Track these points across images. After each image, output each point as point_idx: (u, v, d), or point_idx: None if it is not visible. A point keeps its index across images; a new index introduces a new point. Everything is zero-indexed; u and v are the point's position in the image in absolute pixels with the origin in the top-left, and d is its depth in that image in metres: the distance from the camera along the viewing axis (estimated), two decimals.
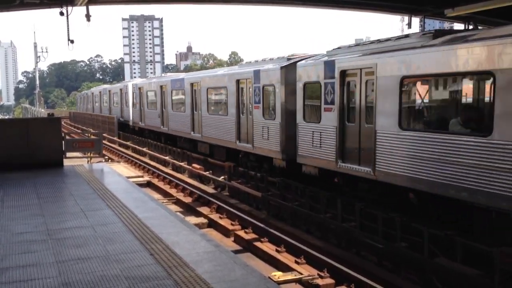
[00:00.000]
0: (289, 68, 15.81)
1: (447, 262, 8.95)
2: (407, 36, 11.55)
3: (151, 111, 30.78)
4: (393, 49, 11.22)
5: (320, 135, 13.70)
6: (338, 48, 13.92)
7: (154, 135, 31.04)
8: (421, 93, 11.13)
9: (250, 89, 18.02)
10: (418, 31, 20.08)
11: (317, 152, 13.92)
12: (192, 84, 24.09)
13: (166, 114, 27.92)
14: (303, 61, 15.02)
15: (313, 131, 14.06)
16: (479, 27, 19.66)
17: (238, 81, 19.01)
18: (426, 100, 11.09)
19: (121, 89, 38.91)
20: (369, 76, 11.92)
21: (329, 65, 13.33)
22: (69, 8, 16.38)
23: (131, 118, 35.31)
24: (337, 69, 12.99)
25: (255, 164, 18.39)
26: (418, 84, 11.06)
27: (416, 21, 21.87)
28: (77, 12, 16.64)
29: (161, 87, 28.78)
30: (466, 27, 19.92)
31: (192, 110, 23.89)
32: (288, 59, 16.33)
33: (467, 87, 10.08)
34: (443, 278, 8.83)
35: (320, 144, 13.70)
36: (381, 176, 11.34)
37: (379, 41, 12.35)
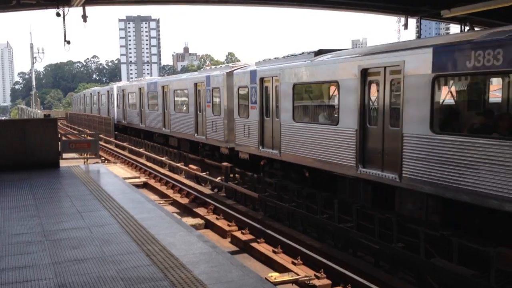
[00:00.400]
0: (230, 75, 19.60)
1: (443, 262, 8.96)
2: (302, 53, 15.06)
3: (132, 110, 34.87)
4: (291, 62, 15.09)
5: (249, 127, 17.32)
6: (263, 60, 17.42)
7: (135, 132, 34.53)
8: (302, 95, 15.11)
9: (204, 91, 22.02)
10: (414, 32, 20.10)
11: (247, 141, 17.52)
12: (163, 87, 28.02)
13: (143, 113, 31.76)
14: (238, 70, 18.85)
15: (244, 125, 17.71)
16: (476, 29, 19.72)
17: (195, 85, 23.06)
18: (308, 99, 15.13)
19: (108, 91, 42.55)
20: (277, 83, 15.58)
21: (253, 74, 16.96)
22: (66, 8, 16.36)
23: (115, 117, 38.92)
24: (258, 77, 16.64)
25: (209, 152, 22.64)
26: (303, 88, 14.95)
27: (412, 22, 21.94)
28: (73, 12, 16.63)
29: (139, 89, 32.61)
30: (463, 28, 19.99)
31: (163, 109, 27.64)
32: (231, 67, 20.32)
33: (327, 91, 14.20)
34: (439, 278, 8.84)
35: (249, 135, 17.30)
36: (285, 156, 15.20)
37: (285, 56, 15.97)
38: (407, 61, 10.40)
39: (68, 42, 17.36)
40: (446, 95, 10.31)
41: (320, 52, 14.13)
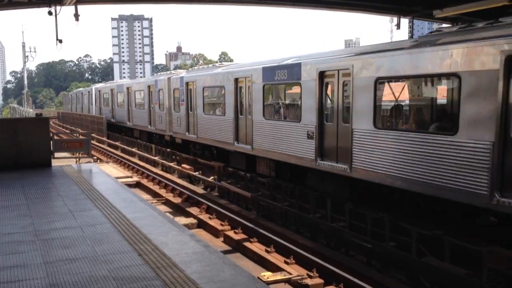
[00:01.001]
0: (169, 79, 25.46)
1: (435, 261, 9.00)
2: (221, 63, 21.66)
3: (105, 108, 41.17)
4: (205, 72, 21.14)
5: (180, 119, 23.38)
6: (192, 69, 24.87)
7: (108, 125, 38.67)
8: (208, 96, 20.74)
9: (153, 92, 27.99)
10: (406, 32, 20.17)
11: (179, 129, 23.49)
12: (127, 88, 33.94)
13: (114, 110, 38.18)
14: (174, 76, 25.11)
15: (177, 117, 23.73)
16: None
17: (149, 86, 28.96)
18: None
19: (88, 92, 48.98)
20: (194, 86, 21.44)
21: (182, 79, 23.11)
22: (58, 7, 16.27)
23: (94, 113, 45.18)
24: (184, 81, 22.62)
25: (158, 140, 28.58)
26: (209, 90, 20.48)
27: (405, 22, 21.99)
28: (65, 11, 16.56)
29: (111, 90, 38.93)
30: None
31: (128, 106, 33.66)
32: (172, 73, 26.76)
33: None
34: (431, 277, 8.88)
35: (180, 124, 23.38)
36: (200, 139, 20.91)
37: (208, 66, 22.19)
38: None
39: (60, 41, 17.27)
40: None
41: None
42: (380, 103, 11.00)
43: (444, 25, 20.94)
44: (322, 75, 12.64)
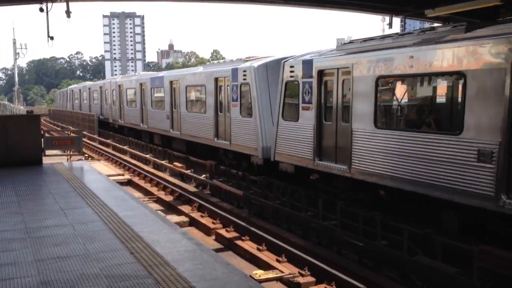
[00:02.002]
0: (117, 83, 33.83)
1: (426, 260, 9.04)
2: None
3: (84, 104, 48.10)
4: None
5: (157, 116, 26.46)
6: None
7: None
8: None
9: (128, 91, 32.31)
10: (397, 31, 20.25)
11: (159, 125, 26.21)
12: (100, 87, 40.74)
13: (90, 105, 44.56)
14: (117, 78, 31.58)
15: (154, 114, 26.91)
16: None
17: (119, 86, 34.04)
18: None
19: (72, 90, 56.85)
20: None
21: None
22: (49, 4, 16.20)
23: (77, 108, 51.47)
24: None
25: (131, 132, 32.72)
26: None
27: (397, 21, 22.07)
28: (57, 8, 16.47)
29: (89, 89, 46.34)
30: None
31: (100, 102, 40.50)
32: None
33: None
34: (423, 275, 8.92)
35: (159, 121, 26.20)
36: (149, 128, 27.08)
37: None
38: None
39: (52, 38, 17.20)
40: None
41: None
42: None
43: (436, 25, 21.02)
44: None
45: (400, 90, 11.18)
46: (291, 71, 14.09)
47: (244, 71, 17.04)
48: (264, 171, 16.20)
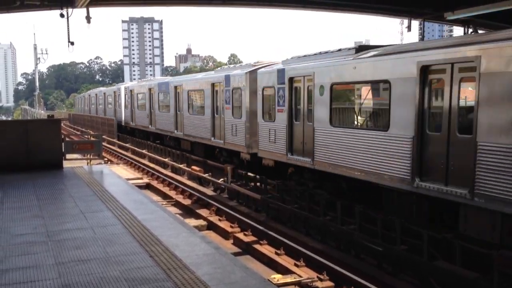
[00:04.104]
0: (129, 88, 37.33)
1: (446, 264, 8.96)
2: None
3: (92, 107, 54.45)
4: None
5: (138, 115, 33.44)
6: (151, 79, 36.47)
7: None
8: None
9: (125, 97, 38.02)
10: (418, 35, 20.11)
11: (142, 122, 32.86)
12: (104, 93, 48.00)
13: (111, 109, 44.17)
14: (128, 84, 38.86)
15: (138, 114, 33.68)
16: (479, 31, 19.73)
17: (130, 91, 37.56)
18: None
19: (89, 95, 60.60)
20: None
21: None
22: (69, 9, 16.42)
23: (92, 113, 55.11)
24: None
25: (141, 133, 34.95)
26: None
27: (416, 24, 21.93)
28: (77, 13, 16.68)
29: (96, 94, 54.12)
30: (466, 31, 19.98)
31: (103, 106, 47.98)
32: (150, 82, 33.68)
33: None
34: (442, 280, 8.84)
35: (140, 119, 33.34)
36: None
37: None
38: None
39: (72, 43, 17.41)
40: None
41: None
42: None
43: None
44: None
45: (348, 94, 13.46)
46: (268, 78, 16.33)
47: (235, 77, 19.32)
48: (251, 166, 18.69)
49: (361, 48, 12.91)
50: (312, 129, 13.83)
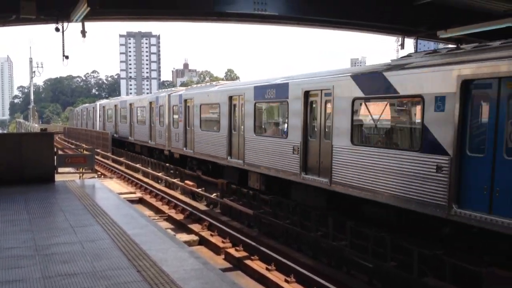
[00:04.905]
0: (101, 106, 47.36)
1: (435, 281, 8.94)
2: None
3: (87, 122, 56.62)
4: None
5: (121, 127, 37.23)
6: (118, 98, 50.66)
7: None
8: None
9: (100, 112, 47.19)
10: (411, 51, 20.28)
11: (125, 133, 36.06)
12: (93, 108, 53.24)
13: (92, 122, 52.34)
14: (104, 101, 51.04)
15: (119, 125, 38.29)
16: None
17: (92, 108, 51.50)
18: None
19: (81, 110, 65.50)
20: (117, 108, 39.17)
21: (100, 106, 47.01)
22: (65, 24, 16.44)
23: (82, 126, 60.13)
24: (113, 104, 40.27)
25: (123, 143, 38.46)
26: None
27: (410, 41, 22.06)
28: (74, 28, 16.71)
29: (86, 108, 60.25)
30: None
31: (91, 120, 53.20)
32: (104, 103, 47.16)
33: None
34: None
35: (122, 130, 36.93)
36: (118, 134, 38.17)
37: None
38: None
39: (67, 57, 17.41)
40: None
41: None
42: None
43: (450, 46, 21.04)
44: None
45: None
46: (176, 99, 25.08)
47: (160, 98, 28.04)
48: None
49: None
50: (192, 131, 22.51)
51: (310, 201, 14.35)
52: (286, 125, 15.14)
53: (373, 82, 11.64)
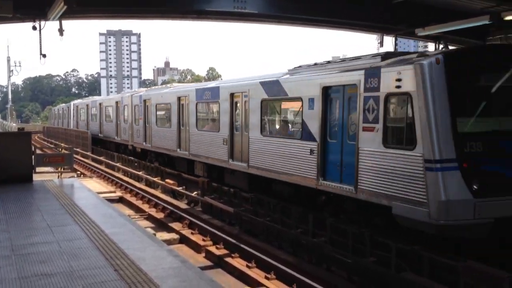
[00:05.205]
0: (75, 105, 50.82)
1: (413, 276, 9.03)
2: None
3: (63, 121, 58.44)
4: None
5: (92, 124, 40.62)
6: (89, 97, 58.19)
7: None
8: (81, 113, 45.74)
9: (73, 111, 50.42)
10: (390, 49, 20.45)
11: (95, 130, 38.11)
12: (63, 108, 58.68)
13: (66, 122, 55.12)
14: (77, 101, 54.19)
15: (91, 123, 41.44)
16: (449, 47, 20.12)
17: (68, 107, 53.36)
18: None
19: (58, 109, 67.74)
20: (89, 107, 42.70)
21: (74, 105, 50.81)
22: (42, 22, 16.27)
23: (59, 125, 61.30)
24: (85, 104, 44.74)
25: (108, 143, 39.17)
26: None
27: (389, 40, 22.21)
28: (52, 26, 16.54)
29: (62, 108, 62.56)
30: (437, 46, 20.36)
31: (67, 120, 54.15)
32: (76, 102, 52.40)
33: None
34: None
35: (93, 127, 40.00)
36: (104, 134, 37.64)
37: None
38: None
39: (44, 56, 17.21)
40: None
41: None
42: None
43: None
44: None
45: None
46: (136, 100, 28.23)
47: (124, 98, 31.41)
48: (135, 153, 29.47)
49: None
50: (150, 128, 25.51)
51: (237, 184, 17.41)
52: (218, 121, 18.11)
53: (273, 87, 14.84)
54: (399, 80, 10.09)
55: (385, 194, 10.26)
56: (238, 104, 16.95)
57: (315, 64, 13.96)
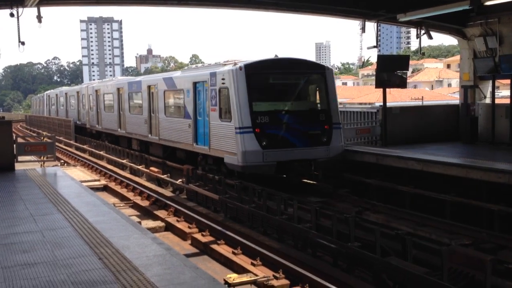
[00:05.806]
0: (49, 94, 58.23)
1: (397, 260, 9.12)
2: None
3: (41, 109, 62.82)
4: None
5: (61, 111, 47.75)
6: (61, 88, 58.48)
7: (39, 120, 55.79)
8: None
9: (46, 100, 58.01)
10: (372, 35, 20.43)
11: (63, 116, 44.50)
12: (56, 95, 53.29)
13: (42, 110, 61.21)
14: (50, 91, 60.27)
15: (59, 110, 48.63)
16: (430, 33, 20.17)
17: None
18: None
19: (37, 98, 73.39)
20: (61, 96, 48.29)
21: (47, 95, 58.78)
22: (20, 9, 15.95)
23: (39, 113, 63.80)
24: (55, 94, 52.93)
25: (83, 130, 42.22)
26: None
27: (371, 25, 22.18)
28: (29, 13, 16.22)
29: (39, 98, 69.05)
30: (418, 32, 20.37)
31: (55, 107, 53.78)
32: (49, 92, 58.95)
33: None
34: (394, 276, 8.99)
35: (61, 114, 47.10)
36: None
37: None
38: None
39: (23, 43, 16.85)
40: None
41: None
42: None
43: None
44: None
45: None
46: (110, 87, 31.58)
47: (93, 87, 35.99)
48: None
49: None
50: (100, 113, 32.94)
51: (155, 152, 23.98)
52: (142, 106, 24.93)
53: (169, 81, 21.83)
54: (223, 79, 16.65)
55: (221, 150, 16.92)
56: (153, 94, 23.61)
57: (195, 67, 22.37)
